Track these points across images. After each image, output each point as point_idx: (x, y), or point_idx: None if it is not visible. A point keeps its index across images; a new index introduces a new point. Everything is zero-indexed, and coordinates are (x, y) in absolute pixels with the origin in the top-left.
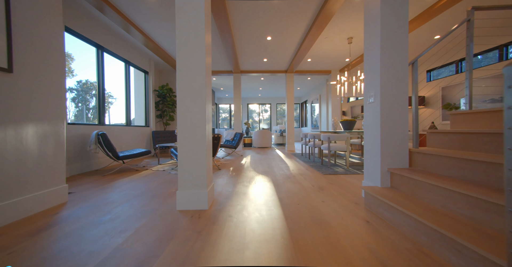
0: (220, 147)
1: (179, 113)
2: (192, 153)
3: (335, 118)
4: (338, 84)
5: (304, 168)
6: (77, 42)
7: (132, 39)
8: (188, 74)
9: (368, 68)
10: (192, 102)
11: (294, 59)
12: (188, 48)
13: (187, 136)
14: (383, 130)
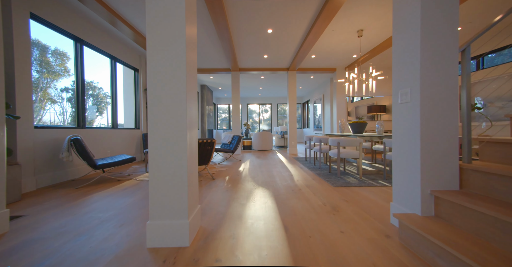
0: (216, 151)
1: (150, 117)
2: (167, 171)
3: (342, 119)
4: (347, 82)
5: (310, 178)
6: (53, 35)
7: (119, 34)
8: (162, 69)
9: (399, 57)
10: (168, 103)
11: (297, 55)
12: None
13: (160, 148)
14: (424, 139)
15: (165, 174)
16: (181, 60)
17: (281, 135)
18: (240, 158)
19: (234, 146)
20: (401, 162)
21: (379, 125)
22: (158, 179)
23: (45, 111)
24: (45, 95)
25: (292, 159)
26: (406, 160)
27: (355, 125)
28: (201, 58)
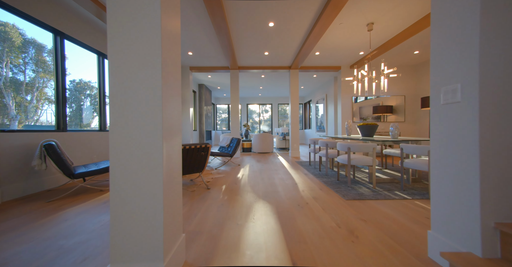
0: (213, 155)
1: (111, 122)
2: (134, 194)
3: (349, 121)
4: (355, 81)
5: (317, 187)
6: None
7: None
8: (127, 55)
9: (442, 44)
10: (135, 103)
11: (300, 52)
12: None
13: (124, 162)
14: (486, 150)
15: (130, 199)
16: (155, 38)
17: (283, 137)
18: (239, 162)
19: (233, 150)
20: (446, 179)
21: (394, 128)
22: (121, 206)
23: (43, 112)
24: (41, 95)
25: (295, 164)
26: (453, 178)
27: (365, 128)
28: (197, 55)
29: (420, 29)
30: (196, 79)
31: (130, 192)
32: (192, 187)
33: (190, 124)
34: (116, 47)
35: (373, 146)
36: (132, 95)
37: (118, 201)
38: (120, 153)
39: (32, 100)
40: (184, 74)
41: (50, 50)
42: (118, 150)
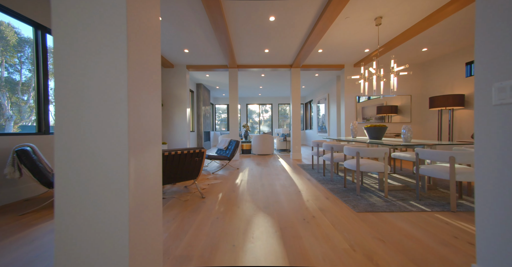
0: (210, 159)
1: (56, 123)
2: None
3: (354, 122)
4: (361, 79)
5: (322, 196)
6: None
7: None
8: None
9: (491, 30)
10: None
11: (302, 49)
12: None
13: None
14: None
15: (80, 232)
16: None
17: (283, 138)
18: (238, 166)
19: (231, 153)
20: (500, 198)
21: (406, 130)
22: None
23: None
24: None
25: (297, 167)
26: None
27: (373, 130)
28: (194, 53)
29: (430, 24)
30: (194, 78)
31: (80, 222)
32: (186, 195)
33: (187, 125)
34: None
35: (384, 150)
36: (86, 93)
37: (63, 232)
38: (67, 167)
39: (28, 100)
40: (179, 72)
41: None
42: (65, 164)
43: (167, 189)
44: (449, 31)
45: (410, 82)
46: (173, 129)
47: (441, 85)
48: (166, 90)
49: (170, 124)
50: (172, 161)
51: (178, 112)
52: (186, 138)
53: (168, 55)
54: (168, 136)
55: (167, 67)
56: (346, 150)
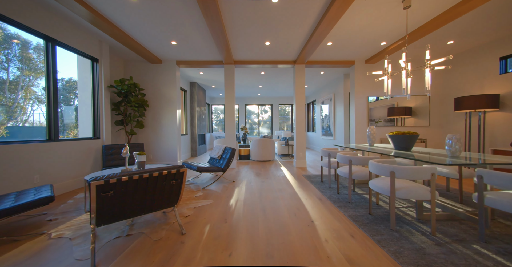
0: (200, 172)
1: None
2: None
3: (372, 127)
4: (385, 76)
5: (346, 231)
6: None
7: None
8: None
9: None
10: None
11: (309, 41)
12: None
13: None
14: None
15: None
16: None
17: (285, 142)
18: (234, 177)
19: (226, 163)
20: None
21: (454, 141)
22: None
23: (31, 111)
24: (27, 94)
25: (303, 179)
26: None
27: (401, 138)
28: (184, 46)
29: (465, 10)
30: (187, 77)
31: None
32: (161, 229)
33: (177, 128)
34: None
35: (431, 170)
36: None
37: None
38: None
39: (16, 99)
40: (168, 69)
41: (35, 47)
42: None
43: (137, 219)
44: (484, 19)
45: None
46: (161, 133)
47: (467, 83)
48: (152, 88)
49: (158, 127)
50: (136, 188)
51: (167, 113)
52: (176, 143)
53: (153, 48)
54: (155, 142)
55: (154, 63)
56: (375, 168)
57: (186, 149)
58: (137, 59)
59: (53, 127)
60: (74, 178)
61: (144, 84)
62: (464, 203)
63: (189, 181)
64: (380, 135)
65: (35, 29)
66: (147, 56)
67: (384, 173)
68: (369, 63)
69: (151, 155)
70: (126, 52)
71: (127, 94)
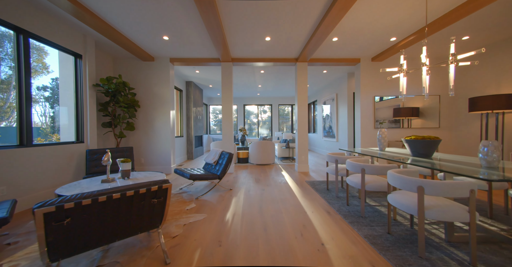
0: (194, 180)
1: None
2: None
3: (383, 130)
4: (401, 73)
5: (364, 260)
6: None
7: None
8: None
9: None
10: None
11: (314, 36)
12: None
13: None
14: None
15: None
16: None
17: (285, 145)
18: (231, 184)
19: (222, 169)
20: None
21: (491, 148)
22: None
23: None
24: None
25: (307, 187)
26: None
27: (421, 144)
28: (177, 42)
29: (479, 5)
30: (182, 75)
31: None
32: (140, 258)
33: (170, 130)
34: None
35: (470, 186)
36: None
37: None
38: None
39: (8, 99)
40: (161, 67)
41: None
42: None
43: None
44: (503, 13)
45: (438, 79)
46: (154, 136)
47: (481, 83)
48: (144, 88)
49: (150, 129)
50: (104, 212)
51: (160, 114)
52: (170, 146)
53: (144, 43)
54: (147, 145)
55: (145, 60)
56: (397, 181)
57: (181, 152)
58: (128, 57)
59: (25, 130)
60: (52, 187)
61: (135, 83)
62: (495, 219)
63: (182, 188)
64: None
65: (3, 19)
66: (138, 53)
67: (409, 187)
68: (376, 61)
69: (143, 159)
70: (115, 49)
71: (115, 94)
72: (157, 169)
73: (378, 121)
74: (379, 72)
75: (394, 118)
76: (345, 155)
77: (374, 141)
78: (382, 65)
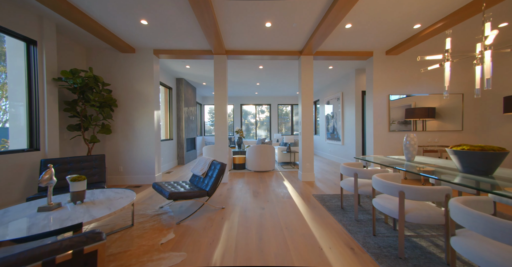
0: (174, 199)
1: None
2: None
3: (412, 135)
4: (446, 61)
5: None
6: None
7: None
8: None
9: None
10: None
11: (323, 22)
12: None
13: None
14: None
15: None
16: None
17: (287, 149)
18: (224, 201)
19: (212, 184)
20: None
21: None
22: None
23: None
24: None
25: (316, 204)
26: None
27: (479, 156)
28: (159, 28)
29: None
30: (172, 71)
31: None
32: None
33: (154, 133)
34: None
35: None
36: None
37: None
38: None
39: None
40: (144, 60)
41: None
42: None
43: None
44: None
45: (462, 75)
46: (135, 140)
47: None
48: (123, 84)
49: (130, 132)
50: None
51: (143, 115)
52: (154, 151)
53: (120, 30)
54: (127, 151)
55: (125, 52)
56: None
57: (171, 157)
58: (104, 47)
59: None
60: None
61: (112, 78)
62: None
63: (163, 207)
64: (393, 142)
65: None
66: (115, 43)
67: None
68: (390, 54)
69: (122, 168)
70: (87, 37)
71: (84, 90)
72: (138, 179)
73: None
74: (394, 67)
75: (405, 119)
76: (360, 163)
77: (387, 147)
78: (397, 59)
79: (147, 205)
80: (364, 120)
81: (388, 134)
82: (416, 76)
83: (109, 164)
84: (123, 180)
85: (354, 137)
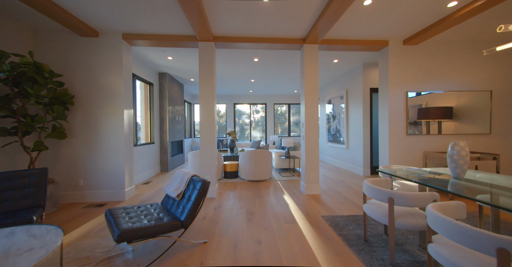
0: (131, 242)
1: None
2: None
3: (462, 143)
4: None
5: None
6: None
7: None
8: None
9: None
10: None
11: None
12: None
13: None
14: None
15: None
16: None
17: (285, 154)
18: (207, 228)
19: (190, 210)
20: None
21: None
22: None
23: None
24: None
25: (329, 233)
26: None
27: None
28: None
29: None
30: (153, 64)
31: None
32: None
33: (124, 137)
34: None
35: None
36: None
37: None
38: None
39: None
40: (110, 46)
41: None
42: None
43: None
44: None
45: (490, 70)
46: (99, 145)
47: None
48: (83, 76)
49: (93, 137)
50: None
51: (109, 115)
52: (123, 160)
53: (76, 7)
54: (89, 159)
55: (85, 36)
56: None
57: (153, 163)
58: (57, 29)
59: None
60: None
61: (68, 68)
62: None
63: (119, 244)
64: (411, 148)
65: None
66: (70, 23)
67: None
68: (408, 44)
69: (81, 181)
70: (34, 15)
71: (19, 82)
72: (103, 195)
73: None
74: (412, 59)
75: (415, 120)
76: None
77: (406, 153)
78: (416, 50)
79: (100, 239)
80: (372, 122)
81: (406, 137)
82: (439, 70)
83: (64, 177)
84: (82, 196)
85: (362, 140)
